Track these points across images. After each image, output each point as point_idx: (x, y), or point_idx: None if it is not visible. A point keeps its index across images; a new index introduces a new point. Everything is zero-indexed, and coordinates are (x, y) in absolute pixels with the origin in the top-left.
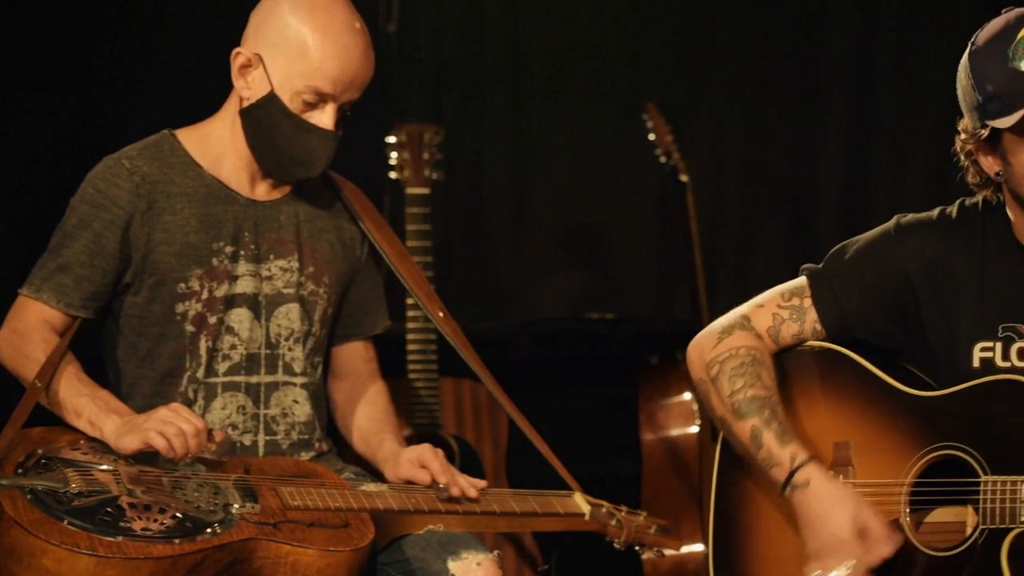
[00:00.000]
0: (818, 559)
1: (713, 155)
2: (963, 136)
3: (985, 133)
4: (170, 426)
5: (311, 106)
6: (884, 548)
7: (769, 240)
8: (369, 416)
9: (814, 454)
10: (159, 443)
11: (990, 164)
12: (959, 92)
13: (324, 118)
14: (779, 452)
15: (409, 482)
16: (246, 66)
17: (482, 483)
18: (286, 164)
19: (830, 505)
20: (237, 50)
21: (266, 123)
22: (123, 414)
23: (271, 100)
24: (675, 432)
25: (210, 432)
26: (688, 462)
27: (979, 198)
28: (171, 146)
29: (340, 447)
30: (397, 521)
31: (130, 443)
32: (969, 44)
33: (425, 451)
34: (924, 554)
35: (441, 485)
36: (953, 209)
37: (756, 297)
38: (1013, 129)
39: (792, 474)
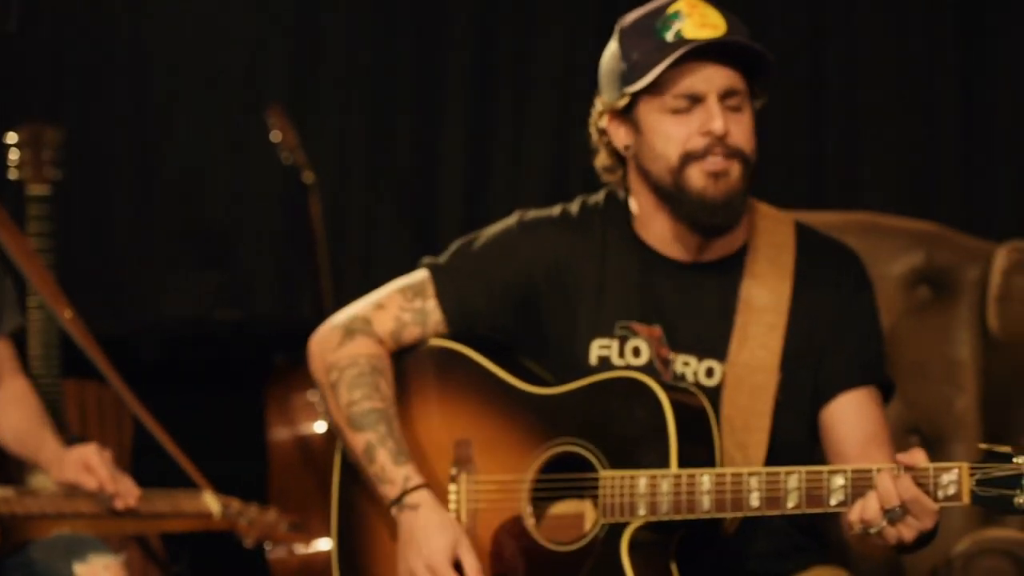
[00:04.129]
0: None
1: (337, 155)
2: (599, 109)
3: (623, 103)
4: None
5: None
6: None
7: (394, 240)
8: (25, 416)
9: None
10: None
11: (622, 137)
12: (601, 71)
13: None
14: (392, 471)
15: (75, 485)
16: None
17: (137, 491)
18: None
19: (433, 531)
20: None
21: None
22: None
23: None
24: (301, 430)
25: None
26: (315, 460)
27: (600, 196)
28: None
29: None
30: (23, 525)
31: None
32: (617, 25)
33: (91, 454)
34: (546, 549)
35: (108, 494)
36: (574, 206)
37: (377, 293)
38: (648, 92)
39: (404, 494)
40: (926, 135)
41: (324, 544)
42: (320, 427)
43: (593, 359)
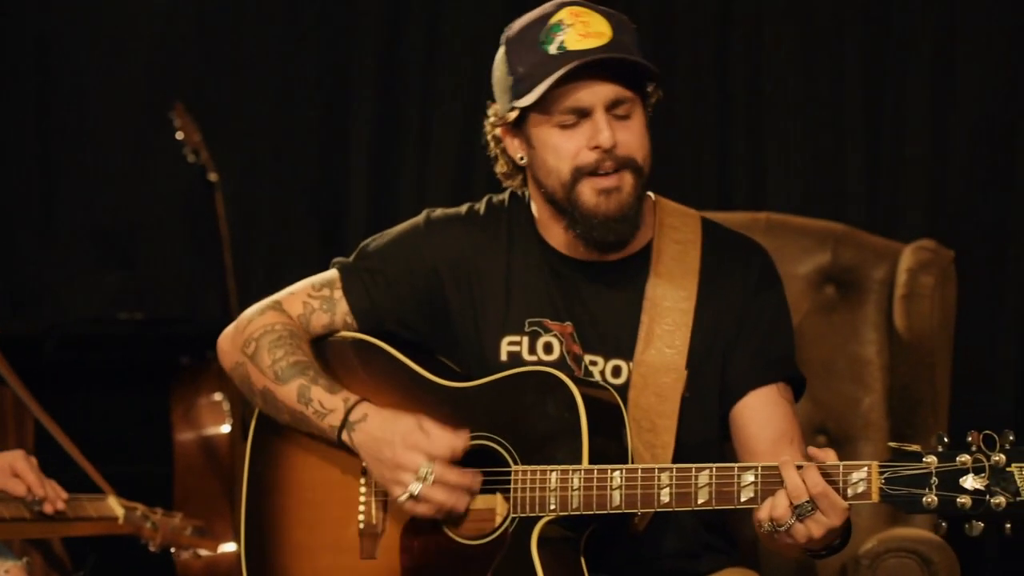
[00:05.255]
0: (394, 480)
1: (243, 154)
2: (492, 120)
3: (512, 116)
4: None
5: None
6: (453, 440)
7: (300, 239)
8: None
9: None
10: None
11: (516, 148)
12: (493, 80)
13: None
14: (331, 400)
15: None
16: None
17: (65, 495)
18: None
19: (389, 425)
20: None
21: None
22: None
23: None
24: (207, 432)
25: None
26: (220, 462)
27: (506, 195)
28: None
29: None
30: None
31: None
32: (504, 32)
33: (18, 460)
34: (456, 542)
35: (37, 499)
36: (481, 206)
37: (288, 287)
38: (536, 107)
39: (348, 414)
40: (832, 135)
41: (230, 546)
42: (226, 428)
43: (503, 356)
